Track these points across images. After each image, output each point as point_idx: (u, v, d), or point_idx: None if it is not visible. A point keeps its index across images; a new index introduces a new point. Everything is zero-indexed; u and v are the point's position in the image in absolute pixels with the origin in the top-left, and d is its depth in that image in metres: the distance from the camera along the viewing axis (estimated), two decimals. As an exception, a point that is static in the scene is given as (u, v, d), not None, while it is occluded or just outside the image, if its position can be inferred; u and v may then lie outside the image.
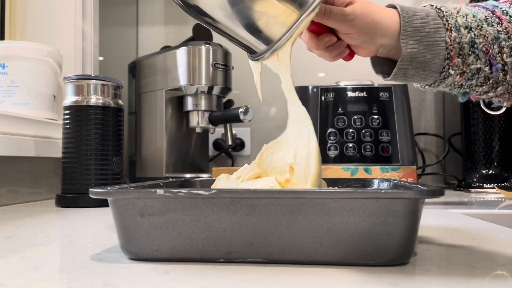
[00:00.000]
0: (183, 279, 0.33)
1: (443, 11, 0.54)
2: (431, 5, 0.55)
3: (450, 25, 0.52)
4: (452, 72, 0.53)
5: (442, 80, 0.54)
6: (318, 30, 0.54)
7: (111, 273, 0.34)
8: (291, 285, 0.31)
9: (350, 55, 0.59)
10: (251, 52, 0.50)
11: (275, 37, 0.47)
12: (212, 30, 0.50)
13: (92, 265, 0.37)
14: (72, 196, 0.82)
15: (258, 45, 0.49)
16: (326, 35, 0.55)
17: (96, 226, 0.59)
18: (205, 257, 0.37)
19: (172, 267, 0.36)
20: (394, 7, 0.55)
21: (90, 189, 0.38)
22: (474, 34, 0.52)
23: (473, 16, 0.53)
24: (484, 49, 0.52)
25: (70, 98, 0.85)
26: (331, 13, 0.51)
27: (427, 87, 0.57)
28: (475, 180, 1.21)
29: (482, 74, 0.53)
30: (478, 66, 0.52)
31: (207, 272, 0.34)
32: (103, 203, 0.80)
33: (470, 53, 0.52)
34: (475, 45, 0.52)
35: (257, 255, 0.36)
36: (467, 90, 0.56)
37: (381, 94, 1.22)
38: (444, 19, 0.53)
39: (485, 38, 0.52)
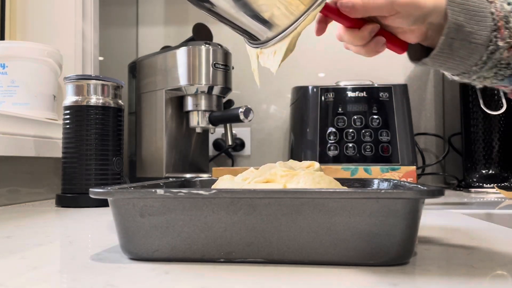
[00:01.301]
0: (183, 279, 0.33)
1: None
2: None
3: None
4: (500, 43, 0.50)
5: (489, 56, 0.51)
6: (355, 25, 0.52)
7: (111, 273, 0.34)
8: (291, 285, 0.31)
9: (401, 47, 0.55)
10: (252, 39, 0.49)
11: (282, 26, 0.47)
12: (211, 15, 0.49)
13: (92, 265, 0.37)
14: (72, 196, 0.82)
15: (262, 32, 0.48)
16: (369, 23, 0.52)
17: (96, 226, 0.59)
18: (205, 257, 0.37)
19: (172, 267, 0.36)
20: None
21: (90, 189, 0.38)
22: None
23: None
24: None
25: (70, 98, 0.85)
26: (369, 4, 0.50)
27: (473, 69, 0.53)
28: (475, 180, 1.21)
29: None
30: None
31: (207, 272, 0.34)
32: (103, 203, 0.80)
33: None
34: None
35: (257, 255, 0.36)
36: None
37: (381, 94, 1.22)
38: None
39: None
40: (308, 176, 0.45)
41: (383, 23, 0.53)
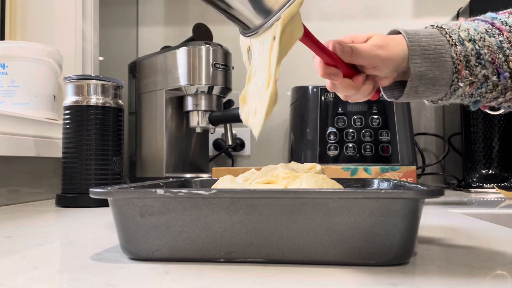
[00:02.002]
0: (183, 279, 0.33)
1: (444, 28, 0.56)
2: (431, 25, 0.58)
3: (453, 40, 0.55)
4: (461, 84, 0.55)
5: (453, 93, 0.56)
6: (349, 73, 0.57)
7: (111, 273, 0.34)
8: (291, 285, 0.31)
9: (376, 93, 0.62)
10: (244, 28, 0.49)
11: (272, 10, 0.47)
12: (205, 1, 0.49)
13: (92, 265, 0.37)
14: (72, 196, 0.82)
15: (254, 19, 0.48)
16: (358, 75, 0.57)
17: (96, 226, 0.59)
18: (205, 257, 0.37)
19: (172, 267, 0.36)
20: (398, 32, 0.57)
21: (90, 189, 0.38)
22: (478, 46, 0.54)
23: (474, 30, 0.56)
24: (490, 59, 0.54)
25: (70, 98, 0.85)
26: (357, 50, 0.54)
27: (439, 101, 0.59)
28: (475, 180, 1.21)
29: (491, 82, 0.55)
30: (486, 75, 0.55)
31: (207, 272, 0.34)
32: (103, 203, 0.80)
33: (477, 64, 0.54)
34: (481, 56, 0.54)
35: (257, 255, 0.36)
36: (478, 98, 0.58)
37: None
38: (447, 35, 0.55)
39: (489, 48, 0.54)
40: (310, 178, 0.45)
41: (365, 72, 0.58)
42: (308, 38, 0.52)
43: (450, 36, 0.55)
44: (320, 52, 0.55)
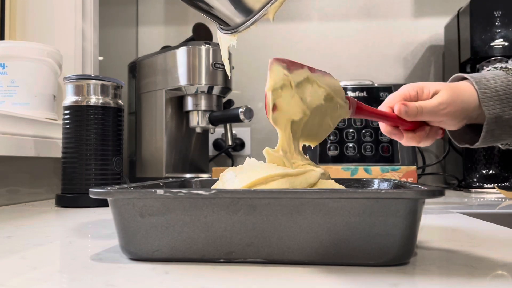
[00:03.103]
0: (183, 279, 0.33)
1: (510, 68, 0.56)
2: (494, 67, 0.58)
3: None
4: None
5: None
6: (412, 127, 0.57)
7: (111, 273, 0.34)
8: (291, 285, 0.31)
9: (442, 132, 0.62)
10: (225, 25, 0.49)
11: (254, 8, 0.47)
12: (185, 2, 0.49)
13: (92, 265, 0.37)
14: (72, 196, 0.82)
15: (234, 17, 0.48)
16: (422, 129, 0.57)
17: (96, 226, 0.59)
18: (205, 257, 0.37)
19: (172, 267, 0.36)
20: (464, 78, 0.57)
21: (90, 189, 0.38)
22: None
23: None
24: None
25: (70, 98, 0.85)
26: (423, 110, 0.54)
27: None
28: (475, 180, 1.21)
29: None
30: None
31: (207, 272, 0.34)
32: (103, 203, 0.80)
33: None
34: None
35: (257, 255, 0.36)
36: None
37: (381, 94, 1.22)
38: None
39: None
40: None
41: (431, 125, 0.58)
42: (362, 113, 0.53)
43: None
44: (381, 119, 0.56)
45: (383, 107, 0.58)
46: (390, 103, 0.57)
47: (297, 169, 0.44)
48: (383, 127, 0.59)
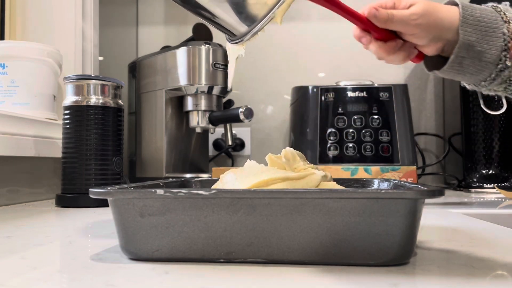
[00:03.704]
0: (183, 279, 0.33)
1: (500, 7, 0.55)
2: (486, 5, 0.56)
3: (508, 17, 0.53)
4: (509, 63, 0.53)
5: (498, 74, 0.54)
6: (383, 36, 0.55)
7: (111, 273, 0.34)
8: (291, 285, 0.31)
9: (418, 57, 0.59)
10: (231, 35, 0.49)
11: (257, 17, 0.47)
12: (189, 11, 0.49)
13: (92, 265, 0.37)
14: (72, 196, 0.82)
15: (238, 26, 0.48)
16: (393, 40, 0.55)
17: (96, 226, 0.59)
18: (205, 257, 0.37)
19: (172, 267, 0.36)
20: (455, 3, 0.56)
21: (90, 189, 0.38)
22: None
23: None
24: None
25: (70, 98, 0.85)
26: (394, 17, 0.53)
27: (482, 83, 0.56)
28: (475, 180, 1.21)
29: None
30: None
31: (207, 272, 0.34)
32: (103, 203, 0.80)
33: None
34: None
35: (257, 255, 0.36)
36: None
37: (381, 94, 1.22)
38: (502, 12, 0.54)
39: None
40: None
41: (403, 38, 0.56)
42: (330, 3, 0.51)
43: (505, 14, 0.54)
44: (350, 17, 0.53)
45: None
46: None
47: (298, 173, 0.44)
48: (354, 29, 0.57)
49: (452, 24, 0.53)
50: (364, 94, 1.22)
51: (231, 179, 0.45)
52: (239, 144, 1.47)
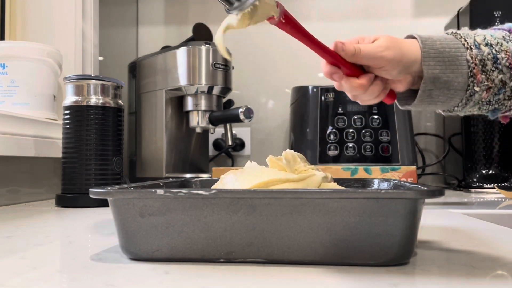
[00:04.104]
0: (183, 279, 0.33)
1: (459, 33, 0.55)
2: (446, 32, 0.57)
3: (469, 44, 0.53)
4: (477, 89, 0.53)
5: (469, 99, 0.55)
6: (353, 72, 0.55)
7: (111, 273, 0.34)
8: (291, 285, 0.31)
9: (390, 97, 0.59)
10: (229, 4, 0.49)
11: None
12: None
13: (92, 265, 0.37)
14: (72, 196, 0.82)
15: None
16: (365, 75, 0.56)
17: (96, 226, 0.59)
18: (205, 257, 0.37)
19: (172, 267, 0.36)
20: (413, 37, 0.56)
21: (90, 189, 0.38)
22: (495, 50, 0.53)
23: (491, 36, 0.54)
24: (507, 63, 0.53)
25: (70, 98, 0.85)
26: (361, 51, 0.53)
27: (455, 109, 0.57)
28: (475, 180, 1.21)
29: (509, 88, 0.54)
30: (504, 80, 0.53)
31: (207, 272, 0.34)
32: (103, 203, 0.80)
33: (494, 68, 0.53)
34: (498, 61, 0.53)
35: (257, 255, 0.36)
36: (496, 106, 0.56)
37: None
38: (462, 39, 0.54)
39: (507, 53, 0.53)
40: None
41: (373, 72, 0.56)
42: (291, 25, 0.51)
43: (465, 40, 0.54)
44: (319, 51, 0.54)
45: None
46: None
47: (298, 175, 0.44)
48: (323, 66, 0.56)
49: (417, 57, 0.54)
50: (364, 94, 1.22)
51: (231, 180, 0.45)
52: (239, 144, 1.47)
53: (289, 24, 0.51)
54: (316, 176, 0.45)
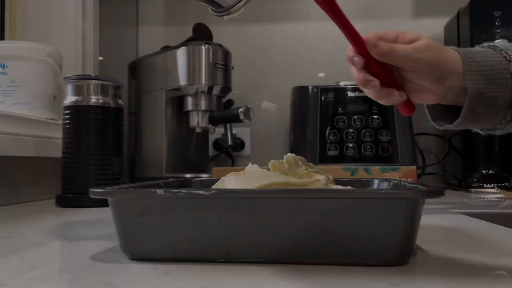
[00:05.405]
0: (183, 279, 0.33)
1: (498, 46, 0.53)
2: (481, 46, 0.54)
3: (510, 56, 0.51)
4: None
5: None
6: (378, 71, 0.51)
7: (111, 273, 0.34)
8: (291, 285, 0.31)
9: (409, 108, 0.56)
10: (217, 7, 0.49)
11: None
12: None
13: (92, 265, 0.37)
14: (72, 196, 0.82)
15: None
16: (387, 87, 0.52)
17: (96, 226, 0.59)
18: (205, 257, 0.37)
19: (172, 267, 0.36)
20: (454, 49, 0.53)
21: (90, 189, 0.38)
22: None
23: None
24: None
25: (70, 98, 0.85)
26: (394, 50, 0.50)
27: (497, 126, 0.54)
28: (475, 180, 1.21)
29: None
30: None
31: (207, 272, 0.34)
32: (103, 203, 0.79)
33: None
34: None
35: (257, 255, 0.36)
36: None
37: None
38: (503, 52, 0.51)
39: None
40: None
41: (404, 76, 0.53)
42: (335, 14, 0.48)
43: (507, 53, 0.51)
44: (348, 35, 0.50)
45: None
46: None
47: (301, 180, 0.44)
48: (354, 71, 0.53)
49: (456, 68, 0.51)
50: (364, 94, 1.22)
51: (231, 182, 0.45)
52: (239, 144, 1.47)
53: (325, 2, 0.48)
54: (319, 181, 0.44)
